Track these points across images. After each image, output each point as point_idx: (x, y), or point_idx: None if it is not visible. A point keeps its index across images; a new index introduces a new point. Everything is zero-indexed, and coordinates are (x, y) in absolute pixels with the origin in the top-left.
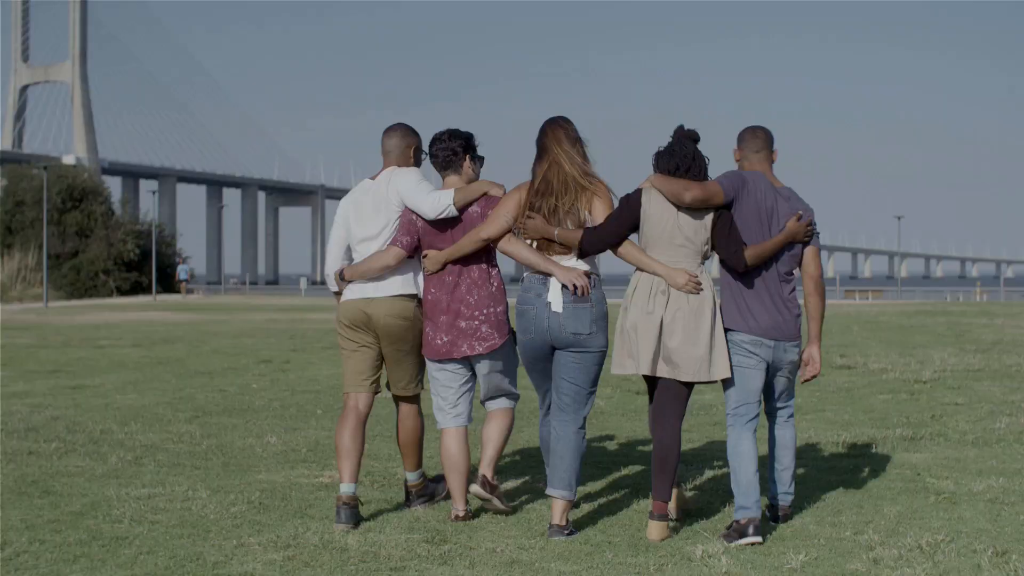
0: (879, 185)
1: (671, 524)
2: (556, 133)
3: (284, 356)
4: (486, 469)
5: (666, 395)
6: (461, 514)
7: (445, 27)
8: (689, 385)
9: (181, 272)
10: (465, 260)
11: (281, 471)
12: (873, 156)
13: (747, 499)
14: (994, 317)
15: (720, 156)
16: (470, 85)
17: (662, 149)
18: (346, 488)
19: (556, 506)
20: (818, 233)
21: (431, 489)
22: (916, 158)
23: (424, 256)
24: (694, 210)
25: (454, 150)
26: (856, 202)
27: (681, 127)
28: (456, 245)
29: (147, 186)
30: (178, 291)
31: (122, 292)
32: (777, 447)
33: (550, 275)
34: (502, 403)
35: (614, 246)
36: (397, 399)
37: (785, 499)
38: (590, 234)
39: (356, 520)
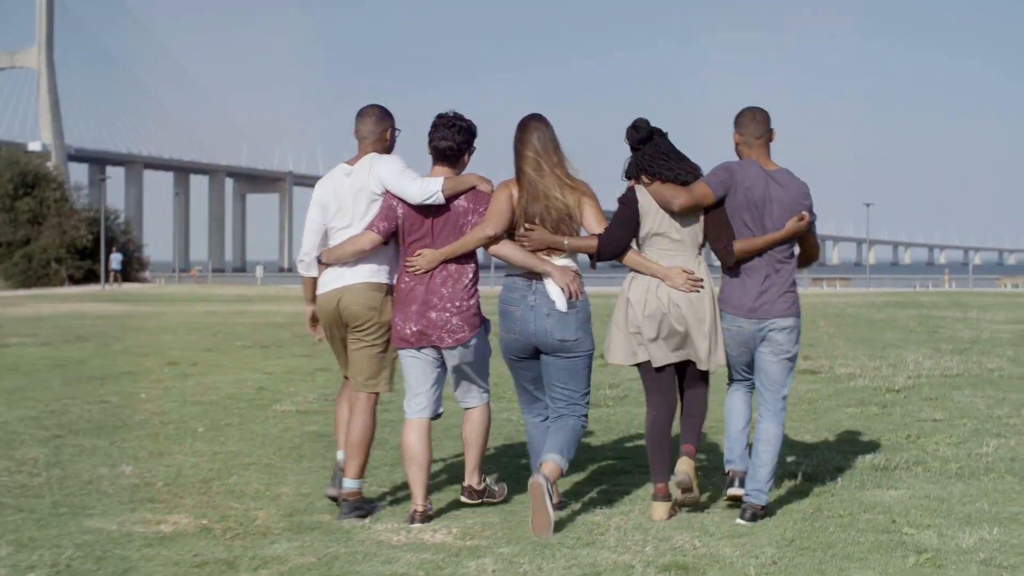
0: (848, 172)
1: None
2: (528, 136)
3: (195, 357)
4: (470, 477)
5: (685, 379)
6: (420, 509)
7: (417, 14)
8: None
9: (113, 261)
10: None
11: (119, 514)
12: (842, 143)
13: (731, 452)
14: (967, 309)
15: (686, 146)
16: (442, 72)
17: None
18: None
19: (545, 467)
20: (815, 215)
21: (366, 509)
22: (885, 146)
23: (418, 254)
24: (686, 216)
25: (459, 146)
26: (825, 189)
27: (629, 130)
28: (459, 243)
29: (113, 173)
30: (123, 280)
31: (75, 281)
32: (758, 441)
33: (539, 277)
34: (475, 399)
35: (626, 250)
36: (354, 394)
37: (759, 498)
38: (605, 241)
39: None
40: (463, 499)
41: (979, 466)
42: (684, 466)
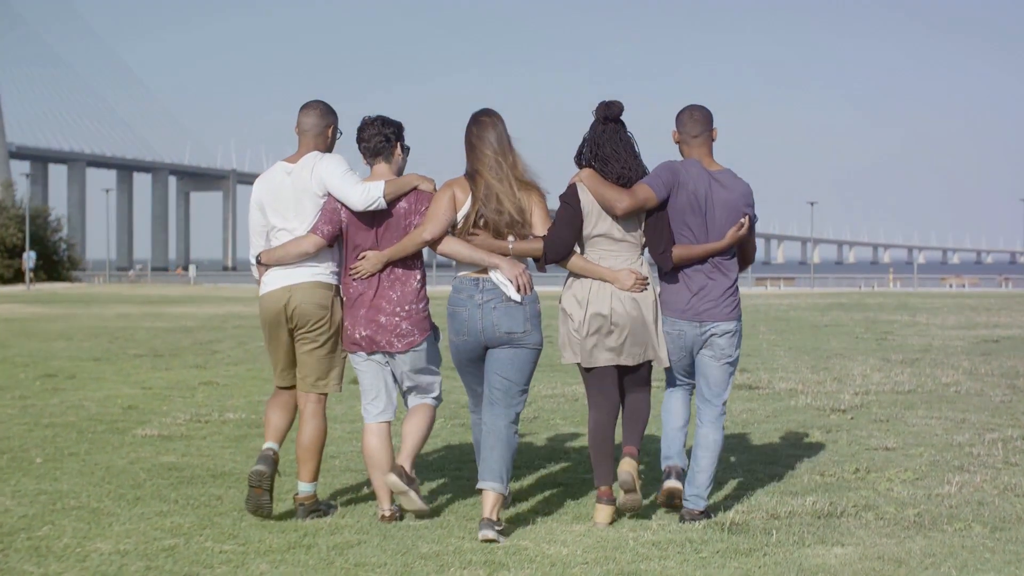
0: (792, 170)
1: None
2: (485, 133)
3: (77, 367)
4: (404, 461)
5: (627, 382)
6: (387, 514)
7: (364, 11)
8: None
9: (28, 260)
10: None
11: None
12: (786, 142)
13: (669, 449)
14: (915, 312)
15: (643, 142)
16: (387, 70)
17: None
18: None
19: (487, 499)
20: (756, 217)
21: (323, 508)
22: (829, 144)
23: (361, 257)
24: (628, 217)
25: (387, 136)
26: (769, 188)
27: (601, 104)
28: (398, 245)
29: (56, 171)
30: (38, 279)
31: (5, 280)
32: (697, 447)
33: (484, 274)
34: (424, 399)
35: (571, 253)
36: (302, 397)
37: (696, 503)
38: (550, 243)
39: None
40: (389, 479)
41: (941, 512)
42: (627, 466)
